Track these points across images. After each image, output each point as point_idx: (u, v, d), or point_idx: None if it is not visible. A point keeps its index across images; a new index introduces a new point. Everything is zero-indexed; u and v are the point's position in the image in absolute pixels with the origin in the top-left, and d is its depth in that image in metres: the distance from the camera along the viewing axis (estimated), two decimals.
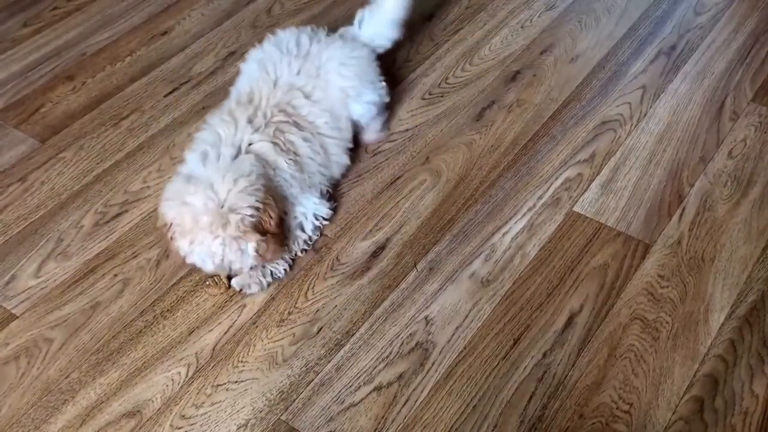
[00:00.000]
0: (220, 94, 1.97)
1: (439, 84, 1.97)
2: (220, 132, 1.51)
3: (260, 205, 1.41)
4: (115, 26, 2.21)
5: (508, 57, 2.03)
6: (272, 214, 1.43)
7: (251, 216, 1.39)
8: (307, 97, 1.60)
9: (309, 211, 1.59)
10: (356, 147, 1.76)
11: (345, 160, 1.69)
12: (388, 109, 1.84)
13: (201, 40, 2.15)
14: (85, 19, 2.24)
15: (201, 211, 1.38)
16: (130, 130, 1.89)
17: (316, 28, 1.76)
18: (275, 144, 1.51)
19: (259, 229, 1.41)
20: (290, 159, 1.52)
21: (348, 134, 1.69)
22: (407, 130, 1.85)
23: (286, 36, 1.70)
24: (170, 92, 2.00)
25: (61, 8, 2.28)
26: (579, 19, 2.14)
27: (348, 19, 2.11)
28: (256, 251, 1.41)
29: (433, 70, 2.01)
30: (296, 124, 1.57)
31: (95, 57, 2.12)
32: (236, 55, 2.09)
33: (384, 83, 1.78)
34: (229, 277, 1.52)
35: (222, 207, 1.38)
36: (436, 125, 1.85)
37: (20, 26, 2.23)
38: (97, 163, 1.82)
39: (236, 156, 1.47)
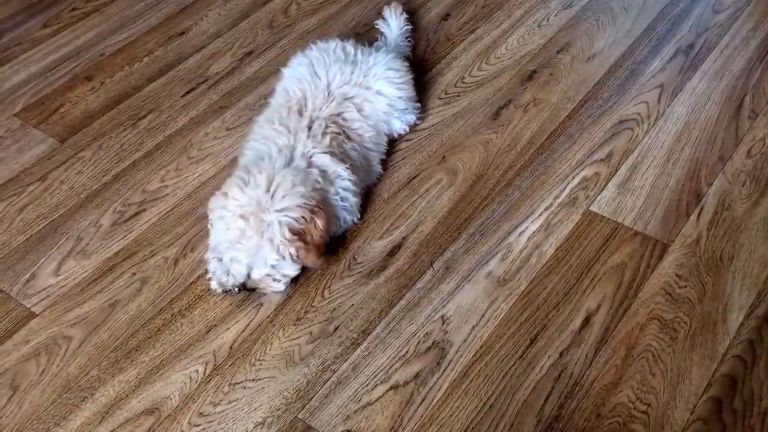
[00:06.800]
0: (237, 93, 1.98)
1: (456, 83, 1.96)
2: (278, 142, 1.57)
3: (309, 215, 1.45)
4: (133, 27, 2.23)
5: (524, 56, 2.03)
6: (320, 225, 1.46)
7: (297, 222, 1.44)
8: (359, 110, 1.68)
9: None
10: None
11: (380, 169, 1.74)
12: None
13: (218, 40, 2.16)
14: (104, 20, 2.26)
15: (249, 206, 1.43)
16: (148, 130, 1.91)
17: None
18: (332, 154, 1.57)
19: (302, 237, 1.45)
20: (348, 167, 1.58)
21: (384, 147, 1.76)
22: (424, 129, 1.85)
23: (331, 44, 1.78)
24: (187, 92, 2.01)
25: (79, 9, 2.30)
26: (596, 17, 2.13)
27: (363, 19, 2.12)
28: (296, 257, 1.45)
29: (449, 70, 2.00)
30: (347, 136, 1.65)
31: (113, 57, 2.13)
32: (253, 55, 2.10)
33: (419, 104, 1.85)
34: (245, 287, 1.52)
35: (269, 210, 1.43)
36: (453, 124, 1.85)
37: (40, 27, 2.25)
38: (116, 163, 1.83)
39: (290, 165, 1.52)
